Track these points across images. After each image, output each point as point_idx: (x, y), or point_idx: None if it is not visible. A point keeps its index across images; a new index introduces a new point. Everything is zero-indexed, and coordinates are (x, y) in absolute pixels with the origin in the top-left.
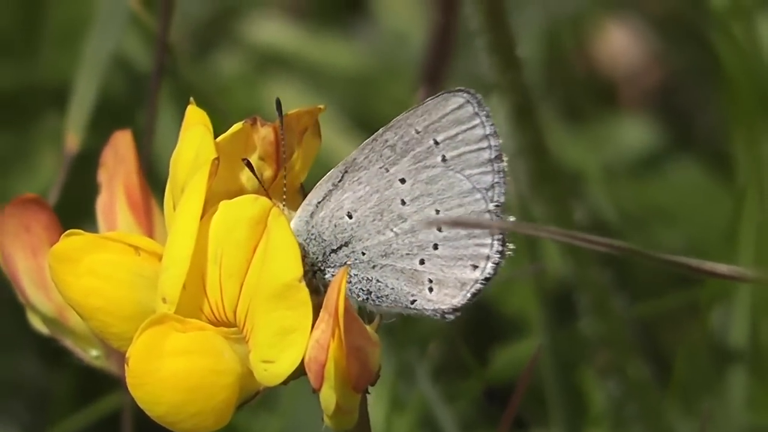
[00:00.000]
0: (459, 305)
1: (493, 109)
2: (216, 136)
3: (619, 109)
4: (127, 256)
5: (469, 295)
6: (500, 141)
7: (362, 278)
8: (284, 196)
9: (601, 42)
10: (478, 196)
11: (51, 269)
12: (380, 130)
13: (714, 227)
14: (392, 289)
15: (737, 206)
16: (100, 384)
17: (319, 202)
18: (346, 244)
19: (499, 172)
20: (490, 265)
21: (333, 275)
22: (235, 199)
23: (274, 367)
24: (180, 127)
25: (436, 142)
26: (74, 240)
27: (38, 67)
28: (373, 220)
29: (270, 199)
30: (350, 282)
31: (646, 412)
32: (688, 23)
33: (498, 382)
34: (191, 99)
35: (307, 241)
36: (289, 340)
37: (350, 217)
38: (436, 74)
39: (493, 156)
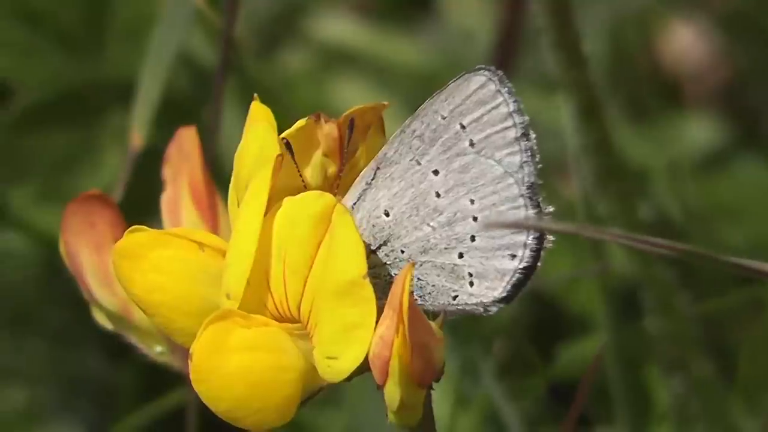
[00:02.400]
0: (501, 297)
1: (549, 100)
2: (281, 132)
3: (685, 108)
4: (192, 252)
5: (509, 286)
6: (525, 118)
7: None
8: (336, 190)
9: (667, 40)
10: (511, 180)
11: (115, 265)
12: (407, 121)
13: None
14: (433, 286)
15: None
16: (165, 380)
17: (354, 204)
18: (384, 243)
19: (526, 150)
20: (528, 252)
21: (373, 275)
22: (300, 195)
23: (337, 363)
24: (244, 123)
25: (463, 126)
26: (138, 236)
27: (104, 63)
28: (410, 215)
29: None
30: (392, 283)
31: (710, 409)
32: (755, 21)
33: (563, 379)
34: (255, 95)
35: None
36: (353, 336)
37: (387, 215)
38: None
39: (519, 134)
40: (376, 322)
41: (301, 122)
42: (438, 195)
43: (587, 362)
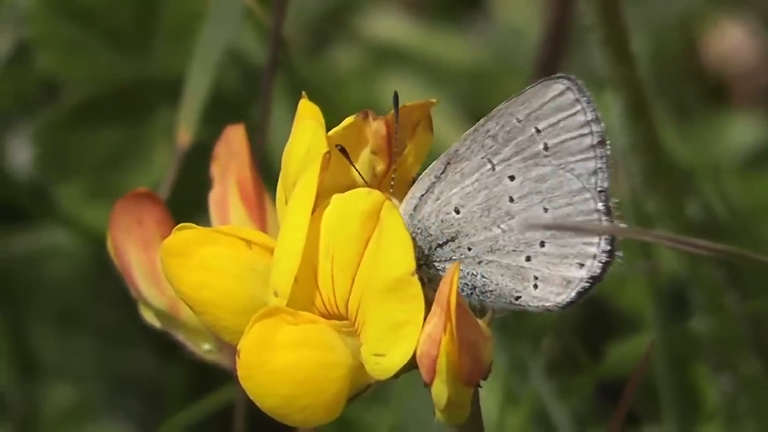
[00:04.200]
0: (564, 303)
1: (597, 99)
2: (329, 129)
3: (732, 107)
4: (239, 249)
5: (573, 293)
6: (603, 126)
7: (467, 273)
8: (391, 190)
9: (715, 39)
10: (588, 195)
11: (163, 263)
12: (481, 120)
13: None
14: (497, 284)
15: None
16: (213, 377)
17: (422, 195)
18: (452, 239)
19: (602, 157)
20: (597, 264)
21: (438, 269)
22: (348, 192)
23: (385, 360)
24: (293, 121)
25: (538, 130)
26: (186, 234)
27: (152, 61)
28: (481, 216)
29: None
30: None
31: (758, 408)
32: None
33: (611, 377)
34: (304, 93)
35: (413, 234)
36: (401, 333)
37: (457, 212)
38: (550, 69)
39: (595, 142)
40: (425, 319)
41: (349, 120)
42: (511, 200)
43: (635, 360)
